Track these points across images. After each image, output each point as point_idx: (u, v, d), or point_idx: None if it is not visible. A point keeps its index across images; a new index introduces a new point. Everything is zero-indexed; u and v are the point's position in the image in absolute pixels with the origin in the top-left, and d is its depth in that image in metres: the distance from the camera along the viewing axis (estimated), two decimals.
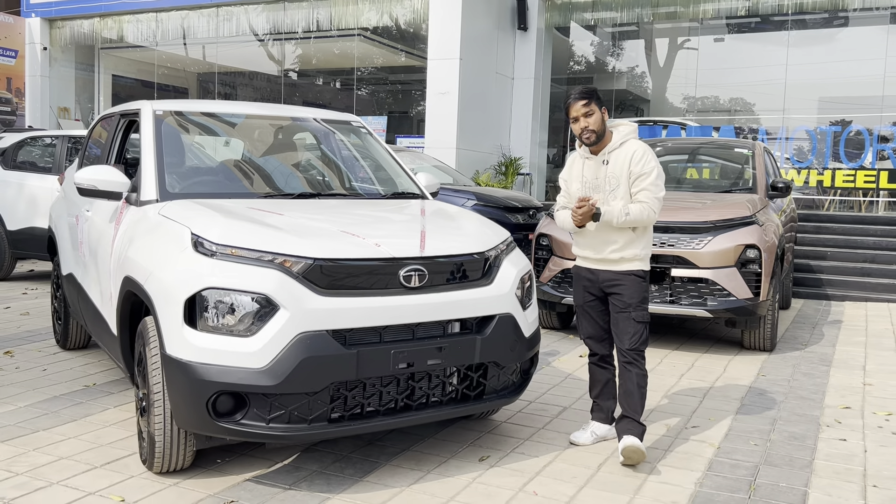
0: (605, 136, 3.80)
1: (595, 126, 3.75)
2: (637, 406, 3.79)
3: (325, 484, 3.44)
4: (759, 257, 5.93)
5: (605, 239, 3.81)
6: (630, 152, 3.76)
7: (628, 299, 3.78)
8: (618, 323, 3.82)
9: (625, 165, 3.76)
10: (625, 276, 3.80)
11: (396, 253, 3.38)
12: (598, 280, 3.87)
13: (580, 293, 3.99)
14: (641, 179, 3.75)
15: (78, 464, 3.59)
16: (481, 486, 3.47)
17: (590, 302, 3.95)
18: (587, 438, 4.03)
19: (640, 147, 3.79)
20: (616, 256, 3.79)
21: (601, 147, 3.82)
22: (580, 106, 3.74)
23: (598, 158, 3.84)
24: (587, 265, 3.92)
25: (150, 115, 4.30)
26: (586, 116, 3.75)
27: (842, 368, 5.86)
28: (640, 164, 3.75)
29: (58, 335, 5.77)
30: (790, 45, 14.40)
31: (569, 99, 3.78)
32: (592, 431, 4.06)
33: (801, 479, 3.64)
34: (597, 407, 4.10)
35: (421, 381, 3.44)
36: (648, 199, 3.74)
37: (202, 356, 3.10)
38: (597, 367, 4.06)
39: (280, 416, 3.16)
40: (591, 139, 3.77)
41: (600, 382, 4.06)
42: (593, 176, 3.84)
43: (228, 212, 3.59)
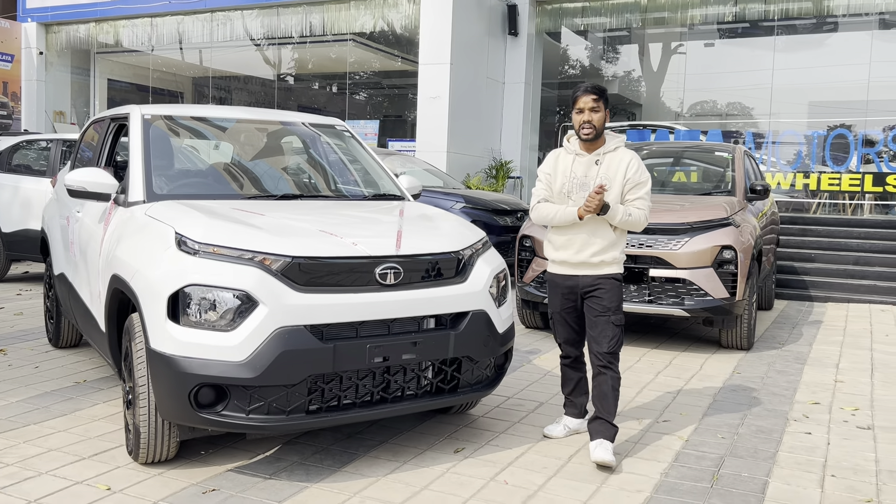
0: (600, 138, 3.85)
1: (598, 123, 3.78)
2: (611, 408, 3.83)
3: (304, 474, 3.57)
4: (735, 258, 6.08)
5: (587, 241, 3.82)
6: (626, 159, 3.83)
7: (608, 303, 3.82)
8: (596, 326, 3.83)
9: (619, 171, 3.80)
10: (605, 280, 3.83)
11: (373, 251, 3.52)
12: (578, 286, 3.88)
13: (557, 300, 3.99)
14: (638, 188, 3.82)
15: (67, 455, 3.72)
16: (455, 475, 3.61)
17: (567, 308, 3.96)
18: (560, 431, 4.16)
19: (636, 157, 3.86)
20: (597, 260, 3.82)
21: (595, 147, 3.86)
22: (590, 99, 3.76)
23: (590, 157, 3.86)
24: (565, 271, 3.91)
25: (139, 119, 4.44)
26: (592, 111, 3.76)
27: (815, 366, 6.01)
28: (638, 174, 3.82)
29: (50, 334, 5.90)
30: (777, 50, 14.58)
31: (579, 90, 3.79)
32: (565, 425, 4.18)
33: (763, 469, 3.79)
34: (569, 402, 4.22)
35: (396, 374, 3.58)
36: (644, 207, 3.82)
37: (185, 350, 3.24)
38: (570, 368, 4.14)
39: (259, 408, 3.30)
40: (589, 135, 3.78)
41: (573, 381, 4.16)
42: (583, 174, 3.84)
43: (212, 212, 3.73)
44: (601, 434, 3.81)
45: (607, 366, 3.83)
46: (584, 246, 3.82)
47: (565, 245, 3.88)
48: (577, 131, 3.85)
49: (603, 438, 3.79)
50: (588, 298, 3.87)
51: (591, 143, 3.85)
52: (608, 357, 3.82)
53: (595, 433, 3.83)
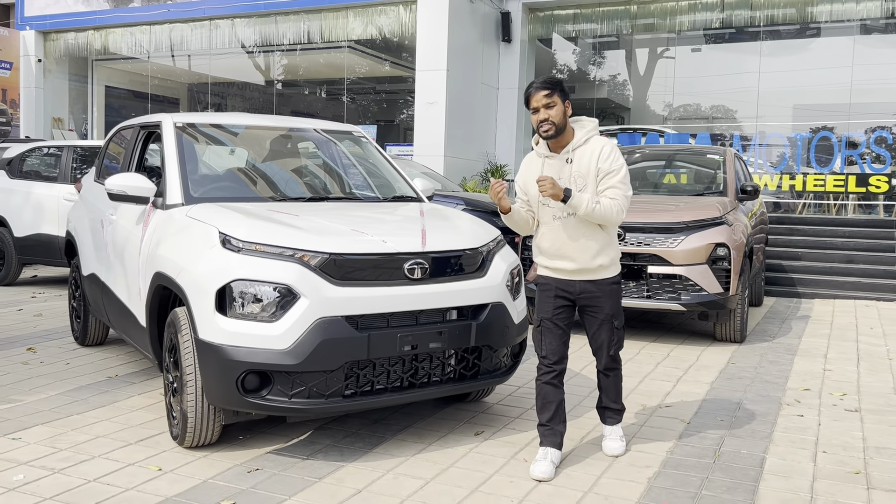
0: (565, 132, 3.58)
1: (556, 119, 3.52)
2: (618, 396, 3.95)
3: (339, 455, 3.86)
4: (728, 255, 6.42)
5: (581, 245, 3.60)
6: (597, 149, 3.56)
7: (610, 310, 3.70)
8: (600, 335, 3.75)
9: (591, 163, 3.55)
10: (604, 286, 3.67)
11: (400, 248, 3.82)
12: (574, 291, 3.69)
13: (548, 303, 3.71)
14: (610, 177, 3.55)
15: (114, 441, 3.99)
16: (478, 455, 3.91)
17: (559, 313, 3.70)
18: (550, 470, 3.61)
19: (608, 144, 3.58)
20: (595, 264, 3.62)
21: (563, 144, 3.61)
22: (541, 96, 3.52)
23: (560, 157, 3.61)
24: (561, 276, 3.70)
25: (172, 127, 4.72)
26: (547, 108, 3.52)
27: (805, 357, 6.35)
28: (609, 161, 3.55)
29: (76, 332, 6.15)
30: (763, 55, 15.00)
31: (530, 88, 3.55)
32: (551, 461, 3.67)
33: (760, 447, 4.11)
34: (549, 432, 3.73)
35: (423, 361, 3.88)
36: (617, 196, 3.54)
37: (232, 339, 3.53)
38: (551, 386, 3.72)
39: (301, 392, 3.59)
40: (549, 132, 3.54)
41: (553, 404, 3.72)
42: (556, 176, 3.59)
43: (250, 213, 4.02)
44: (612, 420, 3.97)
45: (612, 366, 3.87)
46: (580, 251, 3.61)
47: (557, 254, 3.67)
48: (537, 131, 3.62)
49: (614, 424, 3.96)
50: (587, 307, 3.71)
51: (558, 141, 3.60)
52: (613, 358, 3.84)
53: (606, 419, 3.98)
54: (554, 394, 3.75)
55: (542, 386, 3.76)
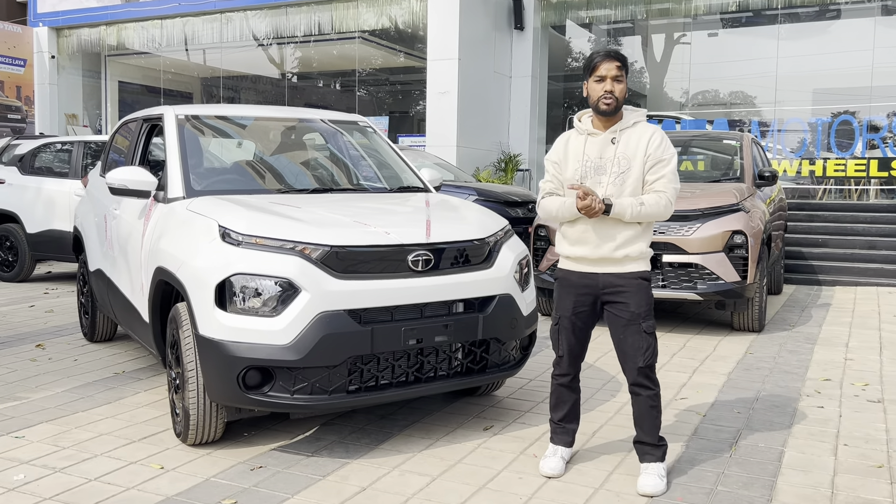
0: (618, 113, 3.33)
1: (620, 95, 3.26)
2: (652, 428, 3.38)
3: (344, 451, 3.78)
4: (745, 242, 6.27)
5: (605, 233, 3.29)
6: (647, 135, 3.30)
7: (636, 308, 3.29)
8: (626, 339, 3.31)
9: (639, 148, 3.28)
10: (630, 280, 3.31)
11: (404, 240, 3.72)
12: (597, 285, 3.35)
13: (568, 300, 3.42)
14: (661, 167, 3.28)
15: (118, 439, 3.94)
16: (486, 450, 3.81)
17: (580, 311, 3.41)
18: (560, 467, 3.52)
19: (658, 131, 3.32)
20: (620, 255, 3.29)
21: (611, 123, 3.33)
22: (614, 67, 3.24)
23: (604, 136, 3.33)
24: (581, 268, 3.38)
25: (174, 119, 4.65)
26: (615, 80, 3.24)
27: (826, 346, 6.19)
28: (660, 150, 3.28)
29: (85, 328, 6.12)
30: (781, 39, 14.72)
31: (598, 56, 3.27)
32: (561, 457, 3.57)
33: (778, 440, 3.98)
34: (561, 430, 3.60)
35: (429, 355, 3.78)
36: (667, 188, 3.27)
37: (232, 335, 3.45)
38: (566, 388, 3.54)
39: (303, 388, 3.51)
40: (610, 107, 3.25)
41: (567, 404, 3.57)
42: (597, 156, 3.32)
43: (251, 206, 3.94)
44: (650, 457, 3.39)
45: (642, 383, 3.33)
46: (604, 240, 3.29)
47: (581, 239, 3.34)
48: (593, 103, 3.30)
49: (652, 462, 3.38)
50: (611, 304, 3.35)
51: (608, 119, 3.32)
52: (644, 371, 3.31)
53: (643, 456, 3.41)
54: (569, 395, 3.57)
55: (556, 386, 3.58)
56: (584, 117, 3.46)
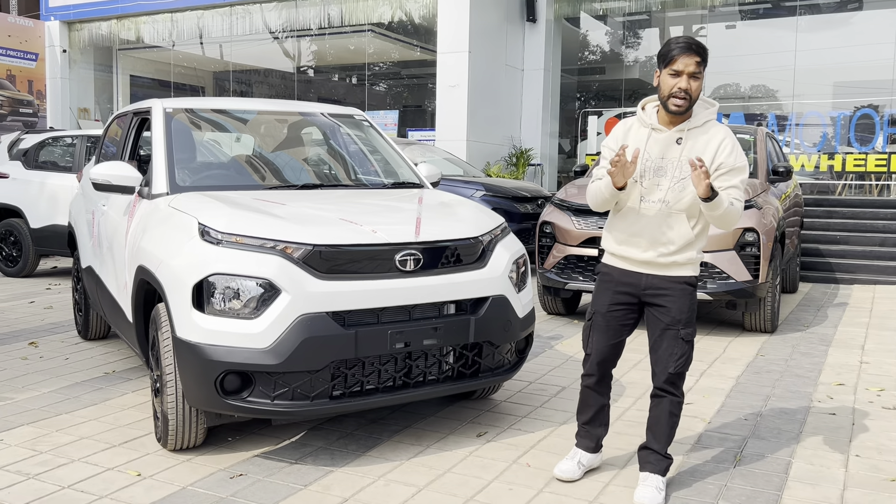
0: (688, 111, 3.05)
1: (695, 93, 2.97)
2: (664, 437, 3.23)
3: (329, 458, 3.63)
4: (757, 240, 6.05)
5: (657, 236, 3.10)
6: (718, 139, 3.02)
7: (678, 314, 3.11)
8: (661, 342, 3.15)
9: (707, 153, 3.01)
10: (674, 283, 3.12)
11: (392, 238, 3.55)
12: (639, 285, 3.17)
13: (605, 296, 3.25)
14: (733, 175, 3.02)
15: (98, 443, 3.81)
16: (477, 459, 3.65)
17: (615, 310, 3.23)
18: (574, 471, 3.39)
19: (730, 136, 3.05)
20: (667, 261, 3.10)
21: (679, 121, 3.06)
22: (693, 62, 2.93)
23: (670, 134, 3.06)
24: (625, 266, 3.20)
25: (161, 113, 4.51)
26: (693, 77, 2.94)
27: (840, 348, 5.96)
28: (733, 157, 3.01)
29: (79, 326, 6.01)
30: (800, 31, 14.39)
31: (678, 47, 2.94)
32: (579, 462, 3.42)
33: (786, 450, 3.78)
34: (584, 433, 3.45)
35: (418, 359, 3.62)
36: (741, 197, 3.03)
37: (210, 338, 3.30)
38: (592, 391, 3.37)
39: (284, 394, 3.36)
40: (681, 108, 2.98)
41: (593, 408, 3.40)
42: (659, 155, 3.07)
43: (234, 202, 3.79)
44: (651, 467, 3.23)
45: (668, 389, 3.19)
46: (655, 242, 3.11)
47: (628, 241, 3.17)
48: (663, 98, 3.02)
49: (652, 472, 3.22)
50: (652, 307, 3.18)
51: (676, 116, 3.04)
52: (672, 378, 3.16)
53: (644, 464, 3.26)
54: (596, 399, 3.40)
55: (583, 389, 3.40)
56: (649, 106, 3.19)
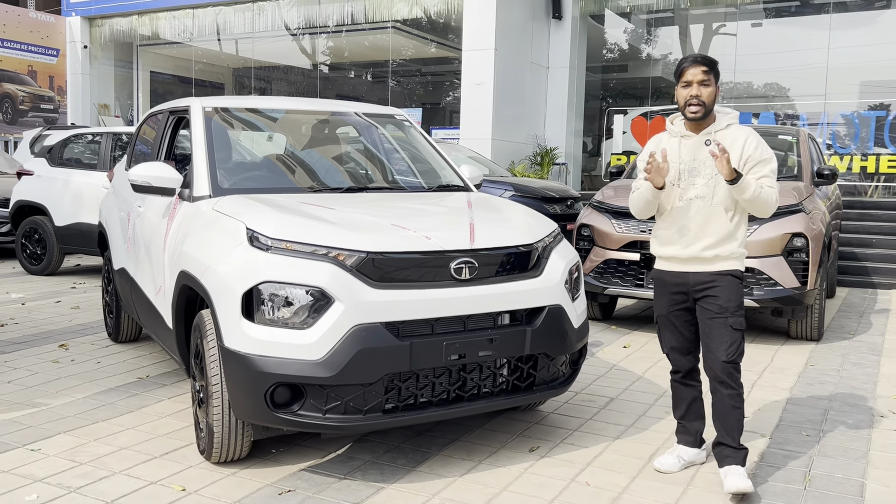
0: (708, 117, 3.36)
1: (707, 99, 3.29)
2: (734, 429, 3.35)
3: (379, 473, 3.48)
4: (806, 246, 5.86)
5: (698, 231, 3.34)
6: (742, 137, 3.34)
7: (725, 302, 3.32)
8: (711, 331, 3.33)
9: (734, 149, 3.31)
10: (721, 276, 3.34)
11: (447, 245, 3.40)
12: (689, 284, 3.40)
13: (664, 301, 3.51)
14: (761, 166, 3.31)
15: (138, 454, 3.68)
16: (533, 476, 3.49)
17: (676, 311, 3.48)
18: (674, 464, 3.54)
19: (753, 133, 3.37)
20: (710, 254, 3.33)
21: (703, 127, 3.38)
22: (699, 71, 3.28)
23: (698, 138, 3.38)
24: (673, 267, 3.44)
25: (200, 112, 4.37)
26: (702, 85, 3.28)
27: (893, 358, 5.77)
28: (759, 150, 3.32)
29: (109, 329, 5.90)
30: (832, 29, 14.11)
31: (686, 61, 3.32)
32: (679, 456, 3.57)
33: (857, 469, 3.61)
34: (682, 428, 3.63)
35: (472, 372, 3.46)
36: (773, 184, 3.30)
37: (260, 348, 3.16)
38: (681, 385, 3.60)
39: (336, 407, 3.21)
40: (697, 113, 3.30)
41: (685, 401, 3.60)
42: (691, 157, 3.37)
43: (281, 206, 3.64)
44: (730, 460, 3.35)
45: (724, 380, 3.31)
46: (695, 239, 3.35)
47: (672, 239, 3.41)
48: (681, 108, 3.37)
49: (732, 464, 3.33)
50: (701, 299, 3.38)
51: (698, 124, 3.37)
52: (727, 368, 3.29)
53: (722, 460, 3.38)
54: (685, 392, 3.60)
55: (673, 384, 3.66)
56: (677, 120, 3.51)
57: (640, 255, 6.21)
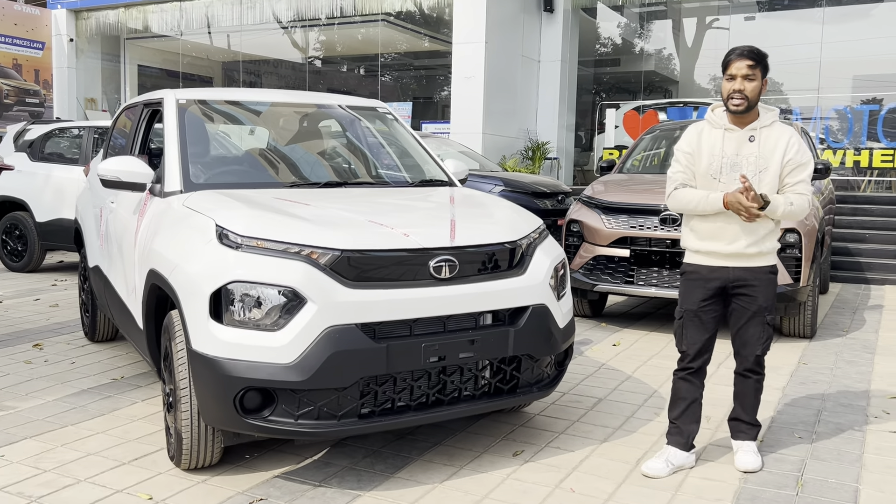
0: (752, 111, 3.34)
1: (751, 93, 3.26)
2: (751, 407, 3.56)
3: (356, 480, 3.35)
4: (799, 242, 5.74)
5: (741, 229, 3.33)
6: (786, 137, 3.33)
7: (764, 301, 3.38)
8: (749, 328, 3.42)
9: (777, 149, 3.31)
10: (760, 273, 3.38)
11: (426, 243, 3.26)
12: (727, 279, 3.39)
13: (696, 294, 3.44)
14: (800, 171, 3.32)
15: (106, 460, 3.54)
16: (516, 482, 3.36)
17: (706, 306, 3.43)
18: (662, 469, 3.43)
19: (795, 134, 3.35)
20: (753, 251, 3.35)
21: (747, 121, 3.35)
22: (745, 65, 3.25)
23: (742, 133, 3.35)
24: (713, 262, 3.40)
25: (174, 104, 4.22)
26: (746, 79, 3.25)
27: (886, 355, 5.66)
28: (800, 154, 3.31)
29: (86, 327, 5.75)
30: (825, 23, 14.00)
31: (732, 53, 3.30)
32: (668, 460, 3.47)
33: (850, 474, 3.49)
34: (675, 430, 3.55)
35: (453, 374, 3.33)
36: (807, 192, 3.33)
37: (229, 351, 3.02)
38: (686, 382, 3.54)
39: (309, 413, 3.07)
40: (740, 106, 3.28)
41: (685, 401, 3.53)
42: (734, 152, 3.34)
43: (254, 202, 3.50)
44: (744, 435, 3.56)
45: (754, 370, 3.51)
46: (740, 235, 3.34)
47: (714, 235, 3.39)
48: (724, 101, 3.34)
49: (746, 439, 3.56)
50: (738, 297, 3.41)
51: (743, 117, 3.34)
52: (759, 360, 3.49)
53: (737, 433, 3.59)
54: (687, 390, 3.55)
55: (676, 381, 3.59)
56: (718, 110, 3.46)
57: (629, 251, 6.08)
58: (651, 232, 6.00)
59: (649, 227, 6.01)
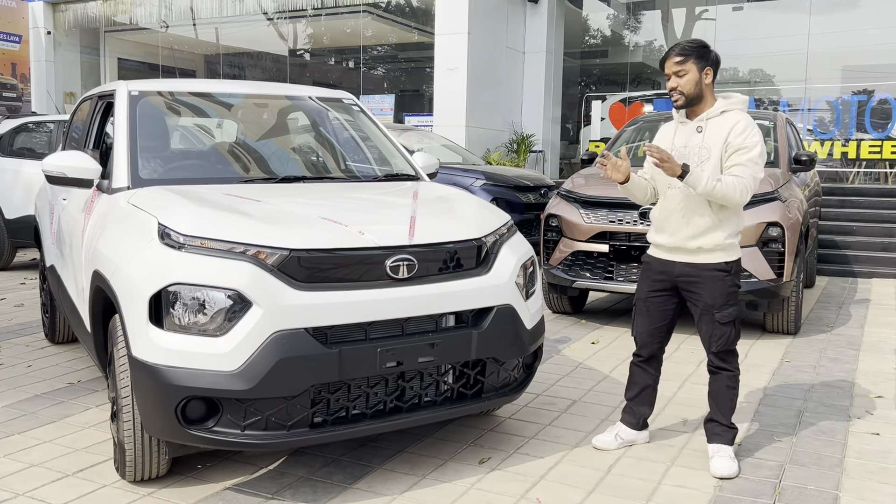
0: (702, 102, 3.36)
1: (686, 88, 3.30)
2: (726, 408, 3.46)
3: (311, 492, 3.17)
4: (781, 236, 5.58)
5: (685, 221, 3.35)
6: (731, 123, 3.29)
7: (710, 300, 3.35)
8: (700, 325, 3.43)
9: (721, 135, 3.29)
10: (703, 271, 3.35)
11: (382, 241, 3.08)
12: (673, 273, 3.43)
13: (645, 284, 3.54)
14: (739, 154, 3.25)
15: (49, 472, 3.35)
16: (480, 492, 3.19)
17: (654, 296, 3.51)
18: (611, 442, 3.62)
19: (745, 119, 3.30)
20: (693, 245, 3.34)
21: (698, 112, 3.39)
22: (672, 63, 3.32)
23: (692, 125, 3.39)
24: (660, 254, 3.48)
25: (125, 96, 4.02)
26: (677, 76, 3.31)
27: (871, 352, 5.51)
28: (742, 137, 3.25)
29: (46, 328, 5.55)
30: (812, 13, 13.85)
31: (664, 56, 3.39)
32: (618, 434, 3.65)
33: (830, 480, 3.33)
34: (629, 410, 3.68)
35: (412, 380, 3.15)
36: (744, 174, 3.22)
37: (169, 358, 2.83)
38: (639, 368, 3.64)
39: (256, 423, 2.89)
40: (678, 102, 3.35)
41: (638, 385, 3.64)
42: (683, 143, 3.40)
43: (201, 199, 3.31)
44: (719, 438, 3.46)
45: (720, 366, 3.45)
46: (679, 228, 3.37)
47: (659, 227, 3.46)
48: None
49: (721, 443, 3.44)
50: (686, 293, 3.43)
51: (692, 110, 3.39)
52: (719, 356, 3.43)
53: (712, 436, 3.48)
54: (640, 376, 3.64)
55: (631, 366, 3.69)
56: None
57: (609, 246, 5.91)
58: (631, 227, 5.83)
59: (629, 221, 5.85)
